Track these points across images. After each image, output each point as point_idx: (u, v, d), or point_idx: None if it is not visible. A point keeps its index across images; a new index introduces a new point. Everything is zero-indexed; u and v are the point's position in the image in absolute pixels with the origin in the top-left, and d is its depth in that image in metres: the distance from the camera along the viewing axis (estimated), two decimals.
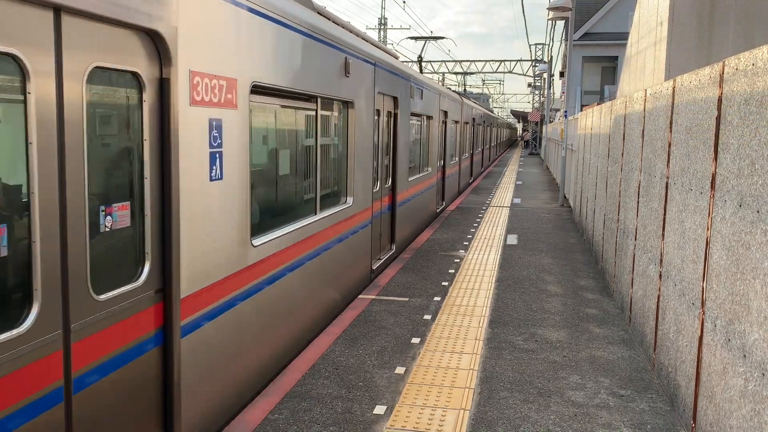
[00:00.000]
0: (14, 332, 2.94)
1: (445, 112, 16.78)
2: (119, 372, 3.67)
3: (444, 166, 16.89)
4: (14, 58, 2.90)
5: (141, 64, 3.75)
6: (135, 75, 3.73)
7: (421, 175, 13.36)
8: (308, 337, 6.68)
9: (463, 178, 22.62)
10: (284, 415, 4.90)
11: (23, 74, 2.96)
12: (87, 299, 3.38)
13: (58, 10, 3.10)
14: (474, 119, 25.54)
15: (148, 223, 3.87)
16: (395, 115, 10.69)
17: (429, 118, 14.06)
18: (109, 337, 3.58)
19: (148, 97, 3.82)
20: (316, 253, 6.83)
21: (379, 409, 5.02)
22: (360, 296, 8.19)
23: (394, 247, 10.84)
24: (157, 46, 3.89)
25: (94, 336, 3.45)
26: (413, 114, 12.28)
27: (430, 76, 57.10)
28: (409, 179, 12.08)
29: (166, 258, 4.03)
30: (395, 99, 10.54)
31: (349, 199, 8.08)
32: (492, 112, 55.53)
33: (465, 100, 21.55)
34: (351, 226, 8.12)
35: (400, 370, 5.82)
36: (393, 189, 10.78)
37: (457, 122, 18.14)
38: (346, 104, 7.93)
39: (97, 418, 3.50)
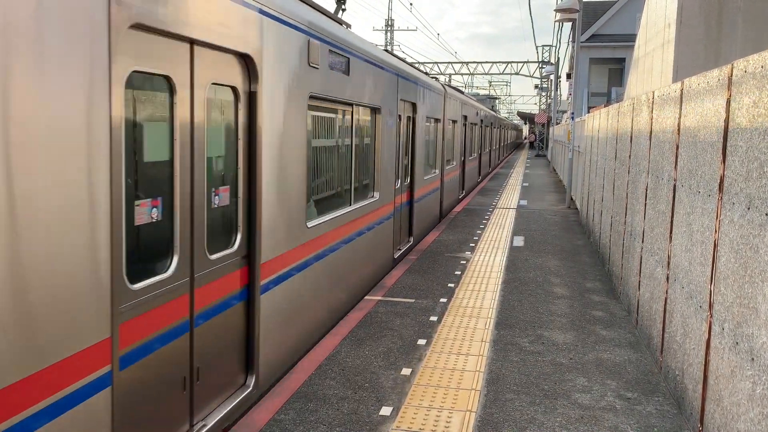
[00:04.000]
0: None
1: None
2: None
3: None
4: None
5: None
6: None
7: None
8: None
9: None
10: (290, 415, 4.91)
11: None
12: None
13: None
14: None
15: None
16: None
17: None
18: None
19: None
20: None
21: (385, 410, 5.02)
22: (366, 297, 8.20)
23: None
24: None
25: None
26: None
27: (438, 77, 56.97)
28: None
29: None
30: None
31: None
32: (498, 112, 55.40)
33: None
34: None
35: (406, 371, 5.82)
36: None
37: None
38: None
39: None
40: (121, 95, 3.36)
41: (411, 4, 44.77)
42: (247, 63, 4.80)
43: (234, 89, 4.67)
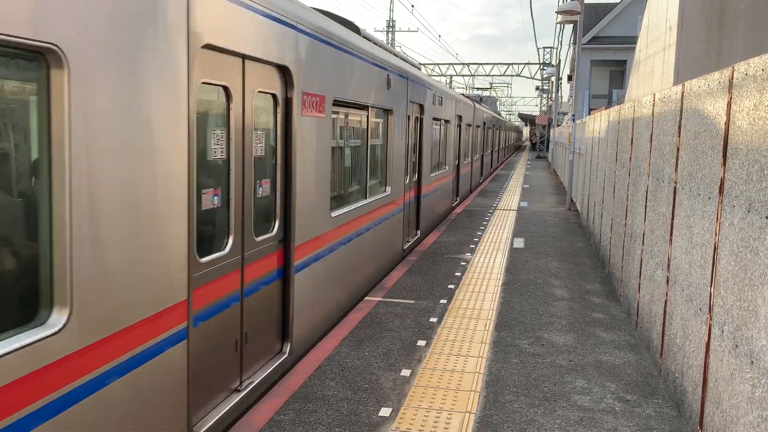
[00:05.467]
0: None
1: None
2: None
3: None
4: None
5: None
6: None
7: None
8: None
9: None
10: (290, 416, 4.91)
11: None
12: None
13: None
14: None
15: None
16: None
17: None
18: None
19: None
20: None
21: (385, 412, 5.02)
22: (366, 298, 8.20)
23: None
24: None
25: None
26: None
27: (437, 78, 56.92)
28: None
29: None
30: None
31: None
32: (499, 114, 55.29)
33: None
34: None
35: (405, 372, 5.83)
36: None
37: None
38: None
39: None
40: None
41: (412, 5, 44.79)
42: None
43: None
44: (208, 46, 4.16)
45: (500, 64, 50.37)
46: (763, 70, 3.64)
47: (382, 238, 9.25)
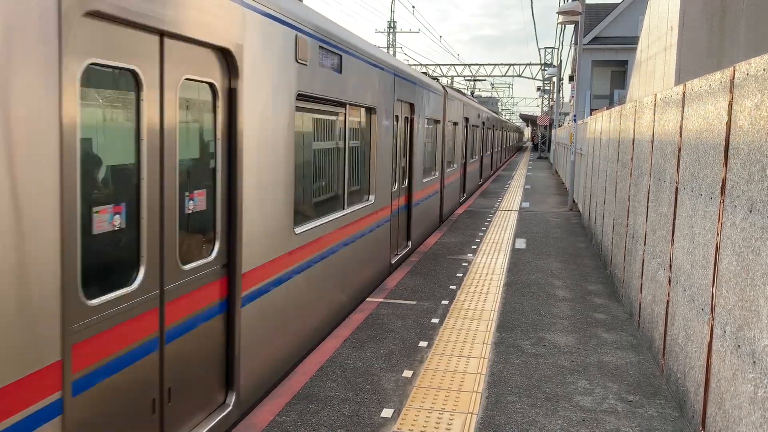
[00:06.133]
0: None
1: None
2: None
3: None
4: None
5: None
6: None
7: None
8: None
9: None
10: (291, 417, 4.91)
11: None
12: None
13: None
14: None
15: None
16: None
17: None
18: None
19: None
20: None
21: (387, 413, 5.02)
22: (368, 299, 8.19)
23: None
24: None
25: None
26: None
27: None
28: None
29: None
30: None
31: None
32: (498, 113, 55.34)
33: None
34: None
35: (407, 373, 5.82)
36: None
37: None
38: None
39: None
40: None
41: (413, 6, 44.83)
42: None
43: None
44: None
45: (501, 64, 50.42)
46: (764, 69, 3.64)
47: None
